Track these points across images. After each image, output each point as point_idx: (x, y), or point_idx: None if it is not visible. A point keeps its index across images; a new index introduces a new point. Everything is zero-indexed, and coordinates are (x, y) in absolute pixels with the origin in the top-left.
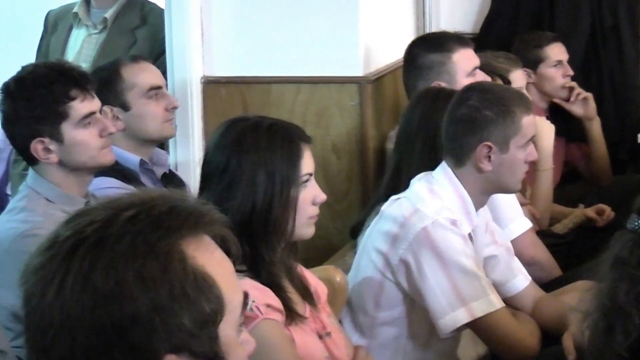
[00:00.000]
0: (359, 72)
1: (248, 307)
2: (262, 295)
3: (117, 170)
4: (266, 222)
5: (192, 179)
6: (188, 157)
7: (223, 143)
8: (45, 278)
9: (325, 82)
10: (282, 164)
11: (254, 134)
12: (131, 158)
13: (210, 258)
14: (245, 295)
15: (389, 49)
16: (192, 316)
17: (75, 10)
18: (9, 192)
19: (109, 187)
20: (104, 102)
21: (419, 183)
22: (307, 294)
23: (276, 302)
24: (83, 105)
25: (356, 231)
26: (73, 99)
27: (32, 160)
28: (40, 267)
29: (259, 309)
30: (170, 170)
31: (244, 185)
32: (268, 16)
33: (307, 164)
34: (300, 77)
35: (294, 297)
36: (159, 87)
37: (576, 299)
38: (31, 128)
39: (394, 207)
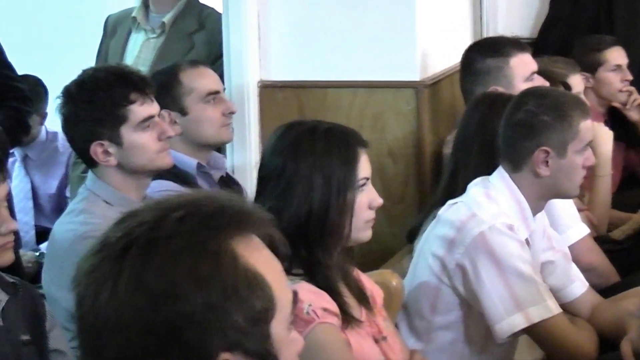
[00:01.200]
0: (415, 76)
1: (305, 311)
2: (318, 299)
3: (174, 174)
4: (323, 226)
5: (249, 182)
6: (245, 161)
7: (280, 147)
8: (97, 280)
9: (382, 86)
10: (339, 168)
11: (311, 138)
12: (188, 161)
13: (259, 257)
14: (295, 294)
15: (446, 54)
16: (244, 314)
17: (134, 14)
18: (68, 194)
19: (166, 190)
20: (162, 106)
21: (476, 188)
22: (363, 298)
23: (333, 306)
24: (142, 108)
25: (413, 235)
26: (132, 102)
27: (91, 163)
28: (92, 270)
29: (315, 313)
30: (227, 174)
31: (300, 189)
32: (325, 20)
33: (364, 167)
34: (356, 81)
35: (350, 301)
36: (217, 92)
37: (634, 304)
38: (91, 131)
39: (451, 211)
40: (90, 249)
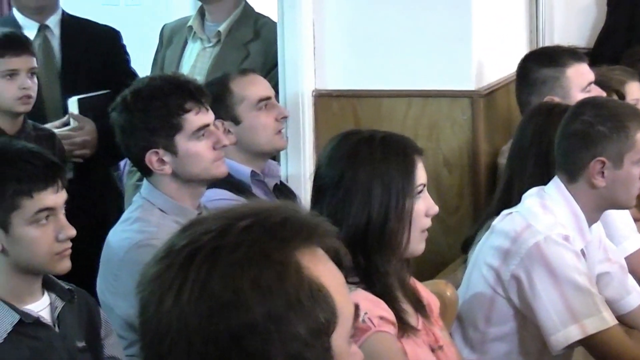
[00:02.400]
0: (471, 86)
1: (361, 319)
2: (375, 307)
3: (228, 182)
4: (382, 234)
5: (303, 192)
6: (299, 170)
7: (337, 156)
8: (162, 286)
9: (437, 96)
10: (397, 176)
11: (368, 147)
12: (243, 170)
13: (323, 269)
14: (356, 307)
15: (501, 63)
16: (307, 325)
17: (190, 23)
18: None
19: (221, 199)
20: (215, 116)
21: (531, 198)
22: (420, 306)
23: (389, 314)
24: (197, 117)
25: (467, 246)
26: (188, 111)
27: (146, 172)
28: (157, 276)
29: (371, 321)
30: (281, 182)
31: (359, 197)
32: (380, 29)
33: (421, 175)
34: (411, 90)
35: (407, 309)
36: (268, 98)
37: None
38: (146, 139)
39: (506, 222)
40: (155, 255)
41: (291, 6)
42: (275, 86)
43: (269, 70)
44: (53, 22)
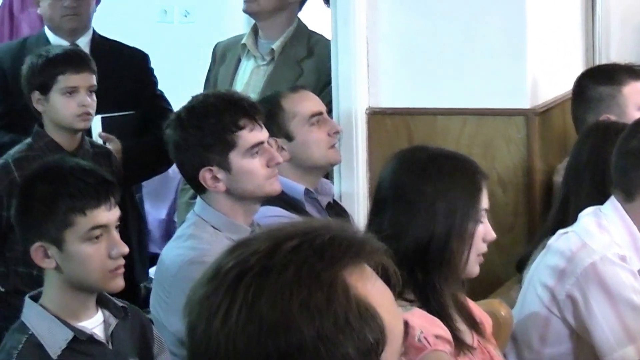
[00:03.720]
0: (526, 104)
1: (416, 339)
2: (430, 325)
3: (282, 199)
4: (442, 253)
5: (356, 210)
6: (352, 188)
7: (403, 170)
8: (210, 308)
9: (492, 114)
10: (463, 197)
11: (436, 164)
12: (296, 187)
13: (372, 288)
14: (406, 325)
15: (557, 81)
16: (356, 346)
17: (243, 41)
18: (176, 219)
19: (274, 216)
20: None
21: (587, 217)
22: (474, 324)
23: (445, 332)
24: (251, 134)
25: (522, 265)
26: (242, 128)
27: (200, 189)
28: (205, 298)
29: (427, 340)
30: (334, 200)
31: (423, 213)
32: (434, 47)
33: (485, 200)
34: (466, 108)
35: (462, 327)
36: (320, 113)
37: None
38: (200, 156)
39: (562, 241)
40: (202, 277)
41: (345, 23)
42: (328, 104)
43: (323, 87)
44: (83, 42)
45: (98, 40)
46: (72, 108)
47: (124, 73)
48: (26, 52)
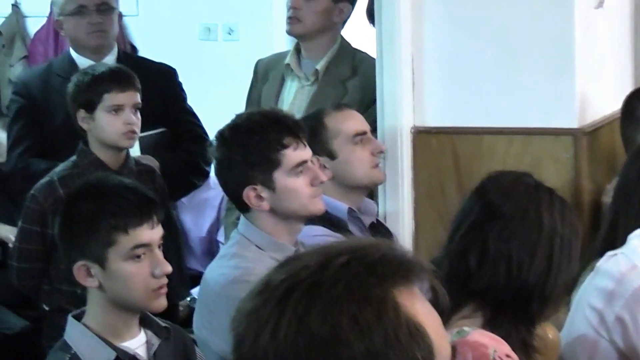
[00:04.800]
0: (574, 123)
1: (491, 357)
2: (501, 345)
3: (325, 219)
4: (546, 279)
5: (401, 229)
6: (397, 207)
7: (517, 192)
8: (259, 322)
9: (539, 133)
10: (574, 239)
11: (550, 194)
12: (340, 206)
13: (421, 308)
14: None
15: (605, 100)
16: None
17: (287, 61)
18: (219, 237)
19: (318, 235)
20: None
21: (637, 239)
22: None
23: (513, 354)
24: (296, 153)
25: (570, 287)
26: (286, 146)
27: (243, 207)
28: (254, 311)
29: (501, 359)
30: (377, 220)
31: (544, 245)
32: (480, 65)
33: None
34: (512, 128)
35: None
36: (364, 133)
37: None
38: (244, 175)
39: (610, 263)
40: (251, 291)
41: (390, 41)
42: (373, 122)
43: (367, 106)
44: (109, 60)
45: (124, 58)
46: (118, 126)
47: (152, 89)
48: (53, 75)
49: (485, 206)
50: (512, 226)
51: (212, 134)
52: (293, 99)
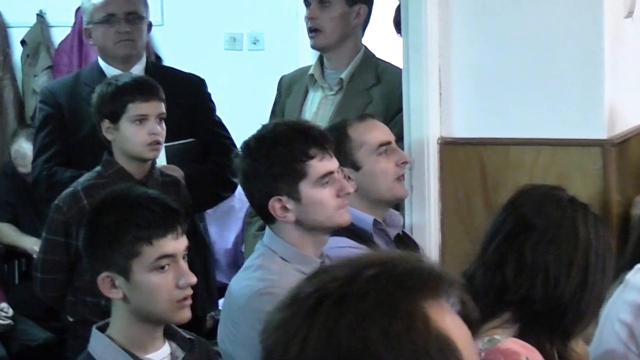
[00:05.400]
0: (602, 134)
1: None
2: (534, 354)
3: (350, 231)
4: (582, 292)
5: (427, 242)
6: (423, 219)
7: (551, 205)
8: (287, 334)
9: (567, 144)
10: (602, 245)
11: (584, 209)
12: (365, 218)
13: (450, 322)
14: (509, 351)
15: (635, 110)
16: None
17: (310, 72)
18: (243, 249)
19: (343, 247)
20: None
21: None
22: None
23: None
24: (322, 164)
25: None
26: (312, 157)
27: (269, 219)
28: (283, 324)
29: None
30: (404, 232)
31: (580, 259)
32: (507, 75)
33: None
34: (540, 138)
35: None
36: (388, 143)
37: None
38: (269, 186)
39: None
40: (280, 303)
41: (417, 52)
42: (399, 132)
43: (392, 116)
44: (137, 70)
45: (152, 68)
46: (142, 136)
47: (180, 100)
48: (81, 85)
49: (519, 218)
50: (548, 238)
51: (237, 145)
52: (316, 109)
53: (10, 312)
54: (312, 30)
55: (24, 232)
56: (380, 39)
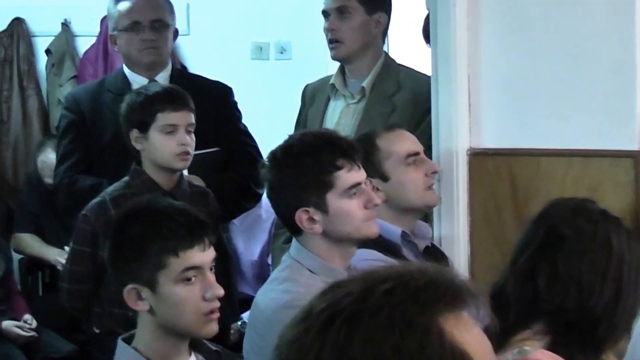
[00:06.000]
0: (634, 145)
1: None
2: None
3: (378, 242)
4: (615, 304)
5: (456, 254)
6: (452, 231)
7: (579, 216)
8: (300, 351)
9: (598, 155)
10: (635, 258)
11: (616, 221)
12: (392, 229)
13: (468, 335)
14: None
15: None
16: None
17: (332, 81)
18: (269, 261)
19: (370, 259)
20: None
21: None
22: None
23: None
24: (349, 175)
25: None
26: (339, 168)
27: (296, 230)
28: (295, 340)
29: None
30: (432, 244)
31: (595, 261)
32: (538, 85)
33: None
34: (571, 149)
35: None
36: (417, 153)
37: None
38: (296, 197)
39: None
40: (293, 318)
41: (446, 61)
42: (427, 141)
43: (418, 122)
44: (162, 78)
45: (177, 76)
46: (171, 147)
47: (206, 108)
48: (104, 91)
49: (551, 229)
50: (580, 248)
51: (262, 155)
52: (338, 118)
53: (34, 323)
54: (333, 42)
55: (48, 243)
56: (408, 49)
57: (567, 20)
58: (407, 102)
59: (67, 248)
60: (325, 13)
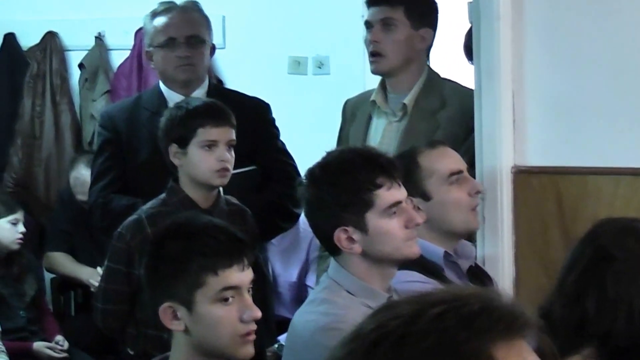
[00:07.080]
0: None
1: None
2: None
3: (420, 263)
4: None
5: (501, 275)
6: (497, 251)
7: (628, 236)
8: None
9: None
10: None
11: None
12: (435, 250)
13: None
14: None
15: None
16: None
17: (372, 98)
18: (308, 282)
19: (412, 282)
20: None
21: None
22: None
23: None
24: (389, 193)
25: None
26: (379, 186)
27: (334, 250)
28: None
29: None
30: (476, 264)
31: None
32: (584, 102)
33: None
34: (620, 168)
35: None
36: (460, 172)
37: None
38: (335, 216)
39: None
40: (342, 340)
41: (489, 77)
42: (471, 157)
43: (463, 139)
44: (198, 94)
45: (214, 92)
46: (211, 163)
47: (243, 125)
48: (141, 109)
49: (598, 250)
50: (630, 270)
51: (300, 174)
52: (381, 137)
53: (66, 345)
54: (374, 54)
55: (81, 262)
56: (449, 65)
57: (615, 33)
58: (451, 119)
59: (99, 269)
60: (368, 24)
